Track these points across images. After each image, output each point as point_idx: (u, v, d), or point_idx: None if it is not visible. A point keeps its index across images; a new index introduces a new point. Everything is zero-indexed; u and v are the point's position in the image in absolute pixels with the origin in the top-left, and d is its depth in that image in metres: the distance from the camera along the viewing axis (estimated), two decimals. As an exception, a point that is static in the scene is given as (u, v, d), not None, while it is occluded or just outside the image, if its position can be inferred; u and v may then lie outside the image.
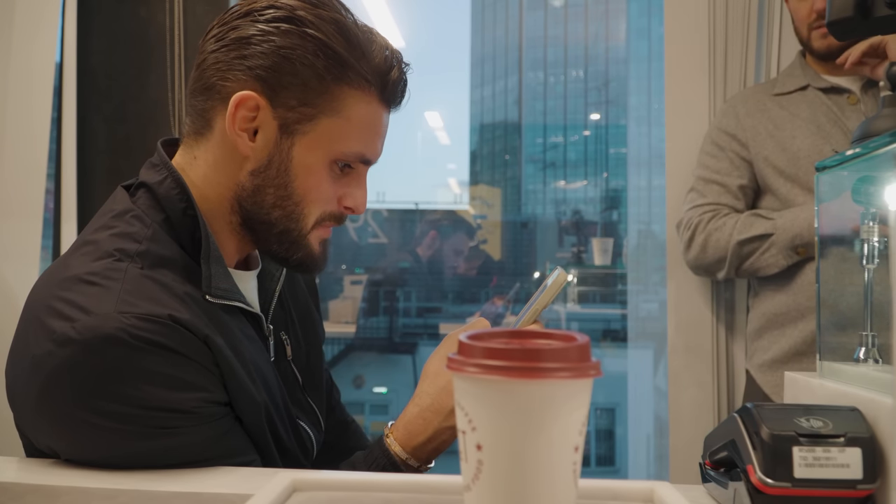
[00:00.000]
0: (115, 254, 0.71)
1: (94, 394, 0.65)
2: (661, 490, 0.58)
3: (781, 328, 1.56)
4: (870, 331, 0.71)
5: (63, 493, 0.62)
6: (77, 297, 0.68)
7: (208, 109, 0.78)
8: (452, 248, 3.75)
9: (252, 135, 0.77)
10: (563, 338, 0.44)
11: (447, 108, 6.75)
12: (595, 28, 7.75)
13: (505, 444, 0.41)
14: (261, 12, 0.75)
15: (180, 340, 0.68)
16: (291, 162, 0.77)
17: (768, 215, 1.55)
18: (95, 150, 2.12)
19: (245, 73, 0.75)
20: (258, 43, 0.74)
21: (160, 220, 0.76)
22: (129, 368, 0.65)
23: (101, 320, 0.65)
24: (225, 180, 0.79)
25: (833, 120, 1.54)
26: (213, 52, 0.77)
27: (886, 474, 0.55)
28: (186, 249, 0.76)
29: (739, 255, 1.57)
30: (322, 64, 0.75)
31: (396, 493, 0.60)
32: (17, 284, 1.85)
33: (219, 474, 0.68)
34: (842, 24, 0.71)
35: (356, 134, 0.78)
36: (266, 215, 0.79)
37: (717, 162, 1.65)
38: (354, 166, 0.81)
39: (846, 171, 0.72)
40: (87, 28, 2.08)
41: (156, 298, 0.69)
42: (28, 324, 0.70)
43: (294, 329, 0.92)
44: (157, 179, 0.77)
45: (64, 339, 0.65)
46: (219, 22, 0.78)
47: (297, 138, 0.77)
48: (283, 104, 0.75)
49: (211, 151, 0.79)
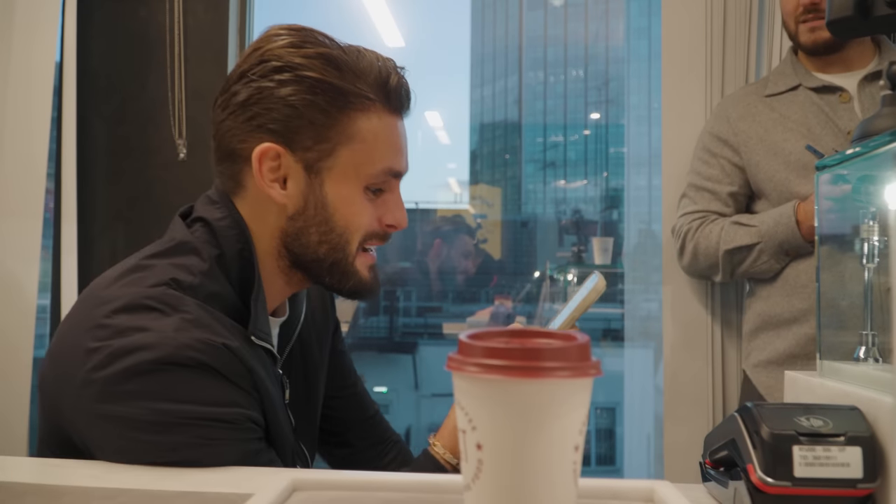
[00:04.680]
0: (171, 283, 0.75)
1: (147, 402, 0.69)
2: (661, 489, 0.58)
3: (776, 329, 1.56)
4: (870, 330, 0.71)
5: (64, 493, 0.62)
6: (135, 318, 0.71)
7: (237, 172, 0.82)
8: (459, 252, 3.77)
9: (283, 183, 0.80)
10: (563, 337, 0.44)
11: (447, 108, 6.74)
12: (595, 27, 7.75)
13: (505, 443, 0.41)
14: (252, 71, 0.79)
15: (230, 366, 0.72)
16: (327, 198, 0.80)
17: (750, 222, 1.56)
18: (95, 150, 2.12)
19: (257, 131, 0.79)
20: (260, 101, 0.78)
21: (215, 255, 0.79)
22: (182, 385, 0.70)
23: (160, 338, 0.69)
24: (268, 229, 0.82)
25: (823, 121, 1.52)
26: (223, 121, 0.81)
27: (886, 473, 0.55)
28: (234, 287, 0.80)
29: (731, 262, 1.58)
30: (322, 99, 0.78)
31: (397, 492, 0.60)
32: (18, 284, 1.85)
33: (219, 474, 0.68)
34: (842, 23, 0.71)
35: (377, 151, 0.81)
36: (314, 252, 0.82)
37: (709, 168, 1.65)
38: (386, 185, 0.84)
39: (846, 171, 0.72)
40: (87, 28, 2.08)
41: (210, 327, 0.73)
42: (79, 337, 0.72)
43: (298, 375, 0.94)
44: (217, 216, 0.81)
45: (122, 352, 0.69)
46: (221, 90, 0.82)
47: (325, 174, 0.80)
48: (301, 146, 0.79)
49: (249, 206, 0.83)
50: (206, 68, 2.11)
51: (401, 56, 0.85)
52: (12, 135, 1.91)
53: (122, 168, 2.14)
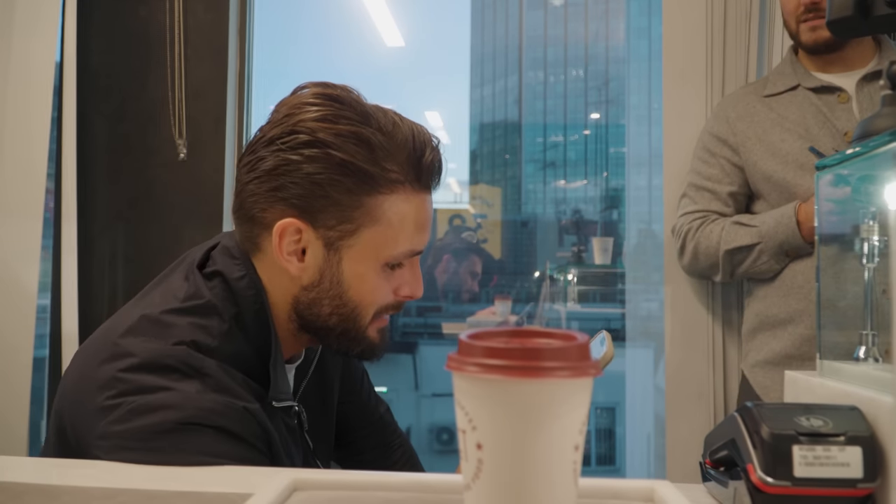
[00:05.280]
0: (192, 345, 0.75)
1: (165, 457, 0.69)
2: (661, 489, 0.58)
3: (773, 330, 1.56)
4: (870, 330, 0.71)
5: (63, 493, 0.62)
6: (158, 378, 0.71)
7: (255, 235, 0.81)
8: (466, 271, 3.79)
9: (301, 254, 0.80)
10: (563, 337, 0.44)
11: (447, 108, 6.74)
12: (595, 27, 7.75)
13: (505, 443, 0.41)
14: (282, 139, 0.77)
15: (250, 429, 0.73)
16: (343, 275, 0.80)
17: (751, 222, 1.56)
18: (95, 150, 2.12)
19: (281, 203, 0.78)
20: (286, 173, 0.77)
21: (233, 314, 0.79)
22: (201, 445, 0.70)
23: (183, 399, 0.70)
24: (282, 293, 0.82)
25: (821, 122, 1.52)
26: (247, 184, 0.80)
27: (887, 473, 0.55)
28: (252, 346, 0.79)
29: (731, 262, 1.58)
30: (351, 181, 0.77)
31: (397, 492, 0.60)
32: (18, 284, 1.85)
33: (219, 473, 0.68)
34: (842, 23, 0.71)
35: (401, 235, 0.80)
36: (324, 322, 0.82)
37: (709, 168, 1.65)
38: (406, 261, 0.83)
39: (846, 170, 0.71)
40: (87, 27, 2.08)
41: (230, 390, 0.74)
42: (93, 392, 0.72)
43: (316, 399, 0.95)
44: (236, 275, 0.81)
45: (144, 409, 0.69)
46: (248, 150, 0.81)
47: (344, 252, 0.79)
48: (323, 224, 0.78)
49: (265, 270, 0.83)
50: (206, 68, 2.11)
51: (401, 56, 0.84)
52: (12, 134, 1.91)
53: (122, 167, 2.14)
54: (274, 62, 2.62)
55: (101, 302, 2.11)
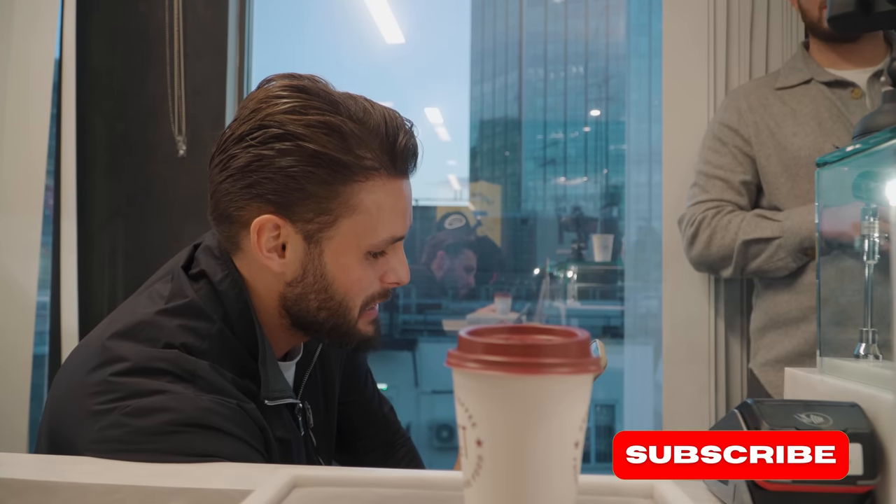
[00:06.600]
0: (182, 348, 0.75)
1: (164, 456, 0.69)
2: (661, 486, 0.58)
3: (784, 328, 1.54)
4: (870, 327, 0.71)
5: (62, 489, 0.62)
6: (151, 380, 0.71)
7: (234, 235, 0.81)
8: (462, 266, 3.78)
9: (281, 250, 0.79)
10: (563, 333, 0.44)
11: (447, 105, 6.74)
12: (595, 24, 7.74)
13: (505, 439, 0.41)
14: (252, 135, 0.76)
15: (246, 427, 0.73)
16: (326, 267, 0.79)
17: (774, 217, 1.52)
18: (95, 147, 2.12)
19: (256, 200, 0.77)
20: (259, 169, 0.76)
21: (221, 314, 0.79)
22: (200, 445, 0.70)
23: (179, 401, 0.70)
24: (267, 291, 0.82)
25: (835, 116, 1.51)
26: (221, 183, 0.79)
27: (887, 470, 0.55)
28: (243, 345, 0.79)
29: (745, 255, 1.53)
30: (325, 172, 0.75)
31: (396, 488, 0.60)
32: (17, 281, 1.85)
33: (219, 470, 0.68)
34: (843, 19, 0.71)
35: (380, 222, 0.79)
36: (314, 317, 0.81)
37: (720, 157, 1.62)
38: (388, 248, 0.82)
39: (847, 167, 0.71)
40: (87, 24, 2.08)
41: (224, 390, 0.74)
42: (85, 397, 0.72)
43: (318, 396, 0.95)
44: (218, 277, 0.80)
45: (140, 412, 0.69)
46: (218, 148, 0.80)
47: (325, 244, 0.78)
48: (301, 218, 0.77)
49: (248, 268, 0.82)
50: (205, 64, 2.11)
51: (401, 53, 0.84)
52: (12, 132, 1.91)
53: (121, 165, 2.13)
54: (273, 59, 2.62)
55: (100, 299, 2.10)
